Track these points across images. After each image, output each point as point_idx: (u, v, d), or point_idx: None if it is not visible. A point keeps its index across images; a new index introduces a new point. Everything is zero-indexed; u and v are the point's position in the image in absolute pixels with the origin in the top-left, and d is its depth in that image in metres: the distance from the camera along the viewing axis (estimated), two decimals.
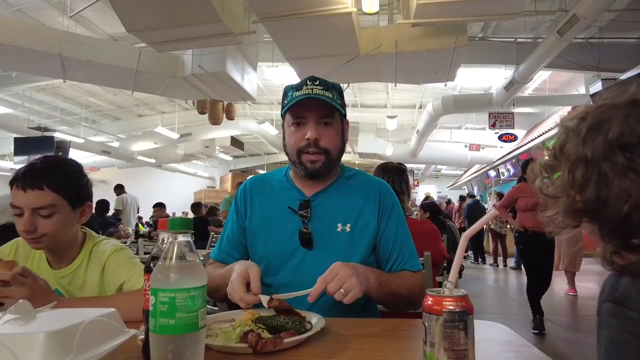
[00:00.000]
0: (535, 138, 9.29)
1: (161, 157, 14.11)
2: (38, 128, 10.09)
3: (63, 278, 1.12)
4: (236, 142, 13.95)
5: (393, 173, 2.13)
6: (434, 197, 12.59)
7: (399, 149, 12.12)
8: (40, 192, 1.02)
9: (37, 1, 6.07)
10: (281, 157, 16.83)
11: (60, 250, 1.13)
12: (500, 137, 10.18)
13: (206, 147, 13.72)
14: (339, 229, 1.09)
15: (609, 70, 5.98)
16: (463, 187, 18.55)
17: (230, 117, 8.32)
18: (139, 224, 7.00)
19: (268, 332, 0.76)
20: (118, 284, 1.10)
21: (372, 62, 5.40)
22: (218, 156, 16.04)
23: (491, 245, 8.66)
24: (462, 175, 18.60)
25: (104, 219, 5.59)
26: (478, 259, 8.78)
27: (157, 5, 4.07)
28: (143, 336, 0.67)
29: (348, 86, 6.63)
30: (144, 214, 10.08)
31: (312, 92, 1.04)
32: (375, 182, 1.19)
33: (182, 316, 0.56)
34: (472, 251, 8.98)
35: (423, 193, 16.98)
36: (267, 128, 10.90)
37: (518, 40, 6.46)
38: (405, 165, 2.28)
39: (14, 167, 11.12)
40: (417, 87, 9.12)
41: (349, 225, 1.09)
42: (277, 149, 14.98)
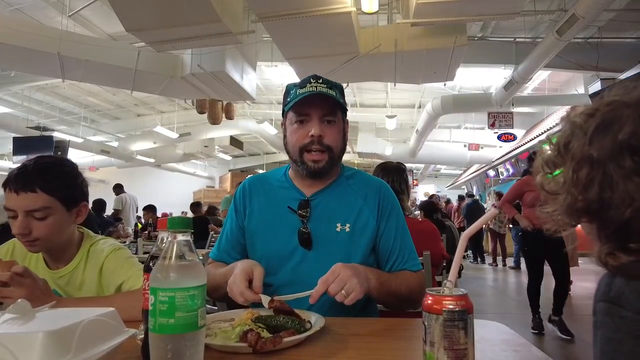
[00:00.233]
0: (534, 138, 9.30)
1: (160, 157, 14.10)
2: (37, 128, 10.05)
3: (61, 278, 1.12)
4: (235, 142, 13.95)
5: (392, 173, 2.13)
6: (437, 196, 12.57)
7: (398, 149, 12.13)
8: (33, 195, 1.00)
9: (36, 0, 6.06)
10: (280, 157, 16.82)
11: (57, 250, 1.12)
12: (499, 137, 10.21)
13: (205, 147, 13.71)
14: (338, 229, 1.08)
15: (608, 70, 5.98)
16: (462, 187, 18.57)
17: (229, 117, 8.31)
18: (139, 224, 6.98)
19: (267, 332, 0.76)
20: (117, 284, 1.10)
21: (372, 62, 5.40)
22: (217, 156, 16.04)
23: (490, 244, 8.66)
24: (462, 174, 18.60)
25: (102, 219, 5.59)
26: (477, 259, 8.79)
27: (157, 4, 4.06)
28: (142, 335, 0.67)
29: (347, 86, 6.56)
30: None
31: (317, 89, 1.04)
32: (374, 182, 1.19)
33: (182, 315, 0.56)
34: (472, 251, 8.99)
35: (422, 193, 17.02)
36: (267, 128, 10.91)
37: (517, 40, 6.47)
38: (404, 164, 2.28)
39: (13, 167, 11.04)
40: (417, 87, 9.12)
41: (349, 225, 1.09)
42: (277, 149, 14.97)
